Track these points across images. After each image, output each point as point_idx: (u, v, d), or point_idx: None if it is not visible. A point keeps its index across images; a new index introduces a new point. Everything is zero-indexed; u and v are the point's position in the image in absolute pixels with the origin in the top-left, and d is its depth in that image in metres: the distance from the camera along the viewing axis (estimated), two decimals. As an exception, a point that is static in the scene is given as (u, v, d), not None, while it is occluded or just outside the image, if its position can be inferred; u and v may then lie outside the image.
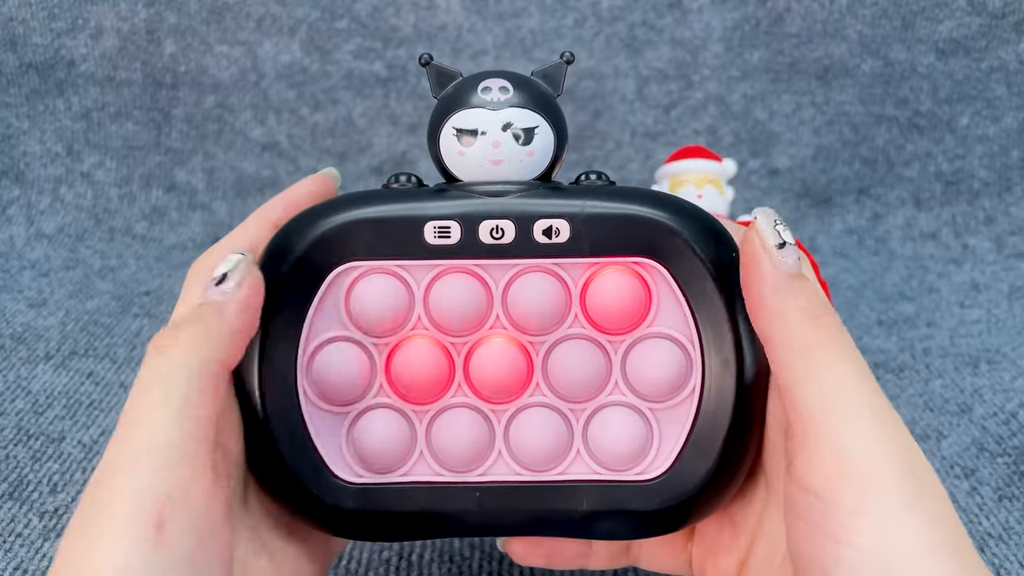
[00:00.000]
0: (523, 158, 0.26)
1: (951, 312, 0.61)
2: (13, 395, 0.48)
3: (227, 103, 0.73)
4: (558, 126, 0.27)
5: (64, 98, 0.71)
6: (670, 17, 0.73)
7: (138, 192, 0.71)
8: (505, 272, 0.26)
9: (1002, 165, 0.72)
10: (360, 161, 0.73)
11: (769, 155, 0.74)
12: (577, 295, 0.27)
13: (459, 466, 0.27)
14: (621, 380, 0.27)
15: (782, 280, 0.23)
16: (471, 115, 0.26)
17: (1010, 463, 0.44)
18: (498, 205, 0.26)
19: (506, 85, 0.26)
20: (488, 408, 0.27)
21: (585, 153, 0.74)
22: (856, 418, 0.21)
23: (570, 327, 0.27)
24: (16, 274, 0.62)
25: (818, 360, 0.22)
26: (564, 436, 0.27)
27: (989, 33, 0.71)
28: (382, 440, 0.27)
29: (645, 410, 0.27)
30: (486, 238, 0.26)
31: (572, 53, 0.27)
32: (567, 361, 0.27)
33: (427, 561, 0.37)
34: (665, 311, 0.26)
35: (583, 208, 0.26)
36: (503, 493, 0.27)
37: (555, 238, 0.26)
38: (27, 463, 0.43)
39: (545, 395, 0.27)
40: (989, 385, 0.51)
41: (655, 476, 0.27)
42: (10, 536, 0.38)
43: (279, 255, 0.26)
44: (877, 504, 0.21)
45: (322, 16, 0.72)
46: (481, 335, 0.27)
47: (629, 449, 0.27)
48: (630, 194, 0.26)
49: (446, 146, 0.26)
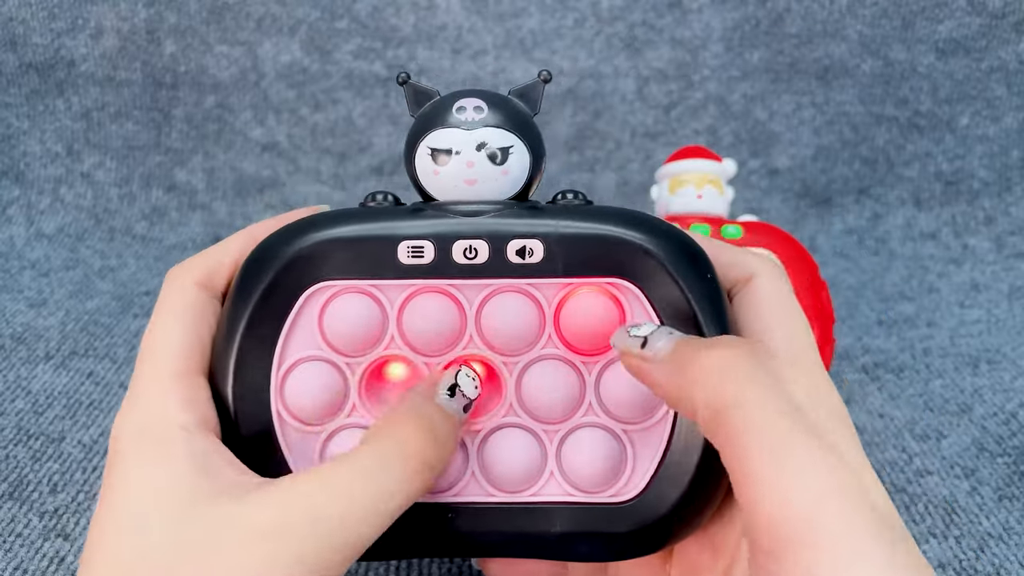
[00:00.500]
0: (498, 177, 0.26)
1: (951, 312, 0.61)
2: (13, 395, 0.48)
3: (227, 103, 0.73)
4: (533, 145, 0.27)
5: (64, 98, 0.71)
6: (670, 17, 0.73)
7: (138, 192, 0.71)
8: (479, 292, 0.26)
9: (1002, 165, 0.72)
10: (360, 161, 0.73)
11: (769, 155, 0.74)
12: (551, 315, 0.26)
13: (433, 487, 0.27)
14: (595, 401, 0.27)
15: (671, 368, 0.23)
16: (445, 135, 0.26)
17: (1010, 463, 0.44)
18: (472, 225, 0.26)
19: (480, 105, 0.26)
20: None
21: (585, 153, 0.74)
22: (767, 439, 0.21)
23: (544, 347, 0.27)
24: (16, 274, 0.62)
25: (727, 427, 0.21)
26: (537, 458, 0.27)
27: (989, 33, 0.71)
28: None
29: (619, 432, 0.27)
30: (459, 258, 0.26)
31: (549, 72, 0.27)
32: (541, 382, 0.26)
33: (427, 561, 0.37)
34: None
35: (557, 228, 0.26)
36: (476, 514, 0.27)
37: (528, 258, 0.26)
38: (27, 463, 0.43)
39: (519, 416, 0.27)
40: (989, 385, 0.51)
41: (628, 499, 0.26)
42: (10, 536, 0.38)
43: (254, 273, 0.26)
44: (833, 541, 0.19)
45: (322, 16, 0.72)
46: (455, 355, 0.27)
47: (603, 471, 0.26)
48: (605, 214, 0.26)
49: (421, 165, 0.26)
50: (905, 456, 0.45)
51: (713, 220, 0.50)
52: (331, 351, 0.27)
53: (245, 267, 0.26)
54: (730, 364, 0.22)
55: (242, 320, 0.26)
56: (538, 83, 0.27)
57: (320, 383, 0.26)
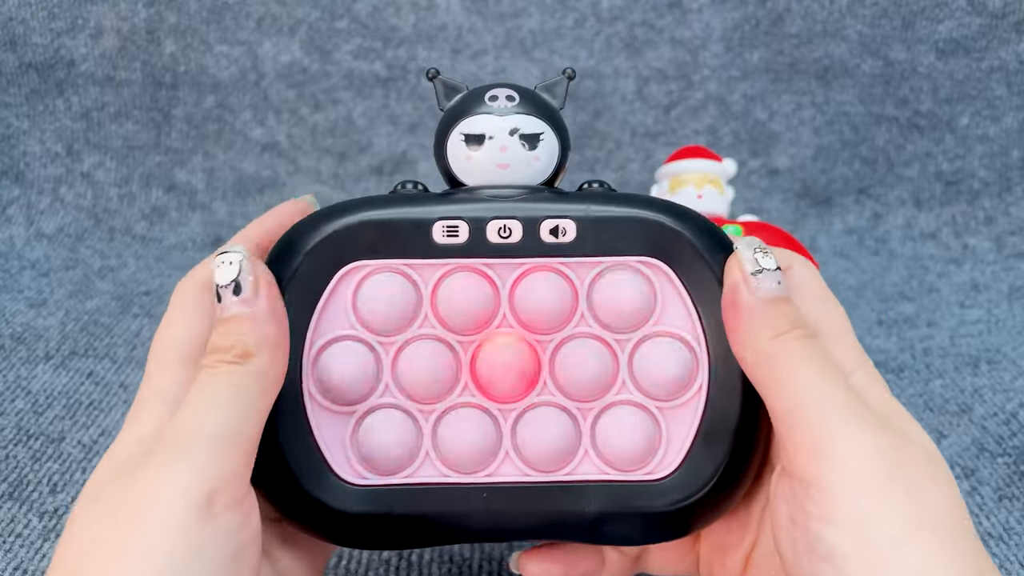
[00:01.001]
0: (530, 162, 0.27)
1: (951, 312, 0.61)
2: (13, 395, 0.48)
3: (227, 103, 0.73)
4: (562, 136, 0.27)
5: (64, 98, 0.71)
6: (670, 17, 0.73)
7: (138, 192, 0.71)
8: (512, 271, 0.26)
9: (1002, 165, 0.72)
10: (360, 161, 0.73)
11: (769, 155, 0.74)
12: (584, 294, 0.27)
13: (466, 467, 0.27)
14: (628, 379, 0.27)
15: (756, 305, 0.24)
16: (479, 121, 0.27)
17: (1010, 463, 0.44)
18: (505, 206, 0.26)
19: (512, 94, 0.27)
20: (495, 407, 0.27)
21: (585, 153, 0.74)
22: (824, 411, 0.23)
23: (577, 326, 0.27)
24: (16, 274, 0.62)
25: (779, 369, 0.24)
26: (572, 436, 0.27)
27: (989, 33, 0.71)
28: (388, 440, 0.26)
29: (653, 409, 0.27)
30: (494, 238, 0.26)
31: (574, 70, 0.28)
32: (574, 359, 0.27)
33: (427, 561, 0.37)
34: (670, 310, 0.27)
35: (588, 210, 0.26)
36: (511, 494, 0.27)
37: (562, 238, 0.26)
38: (27, 463, 0.43)
39: (552, 394, 0.27)
40: (989, 385, 0.51)
41: (664, 475, 0.27)
42: (10, 536, 0.38)
43: (287, 253, 0.26)
44: (857, 484, 0.22)
45: (322, 16, 0.72)
46: (488, 334, 0.27)
47: (637, 448, 0.26)
48: (632, 199, 0.27)
49: (454, 152, 0.27)
50: (905, 456, 0.45)
51: (713, 220, 0.50)
52: (364, 330, 0.27)
53: (276, 251, 0.26)
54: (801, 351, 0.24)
55: None
56: (563, 79, 0.28)
57: (353, 361, 0.26)
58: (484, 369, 0.27)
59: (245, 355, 0.24)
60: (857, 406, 0.23)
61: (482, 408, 0.27)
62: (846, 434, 0.22)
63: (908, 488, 0.21)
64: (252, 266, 0.25)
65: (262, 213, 0.29)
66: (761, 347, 0.24)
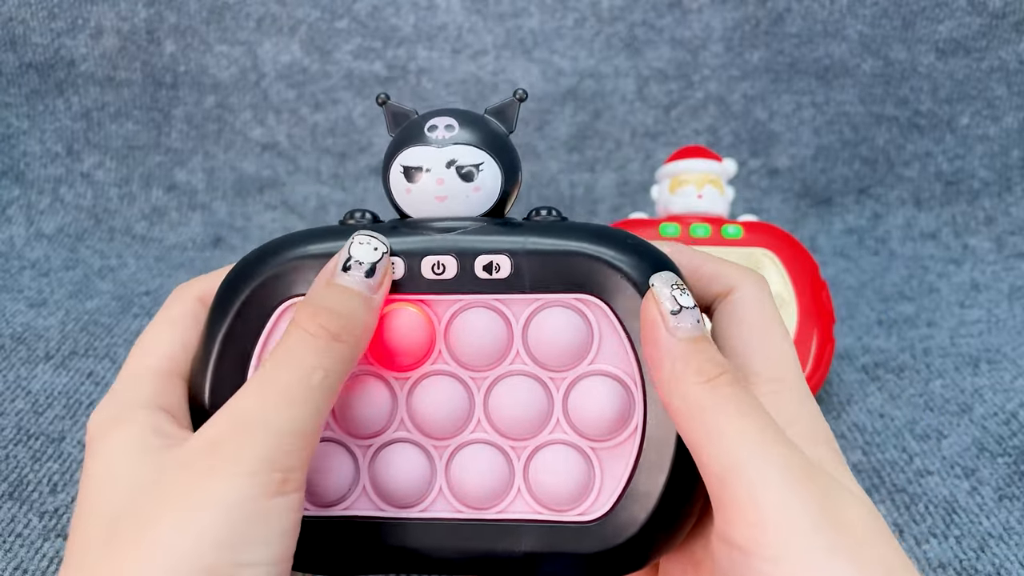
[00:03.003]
0: (469, 194, 0.26)
1: (951, 312, 0.61)
2: (13, 395, 0.48)
3: (227, 103, 0.73)
4: (505, 162, 0.27)
5: (64, 98, 0.71)
6: (670, 17, 0.73)
7: (138, 192, 0.71)
8: (448, 307, 0.26)
9: (1002, 165, 0.72)
10: (360, 161, 0.73)
11: (769, 155, 0.74)
12: (519, 331, 0.26)
13: (400, 501, 0.27)
14: (563, 418, 0.27)
15: (676, 347, 0.23)
16: (417, 153, 0.26)
17: (1010, 463, 0.44)
18: (441, 241, 0.26)
19: (452, 123, 0.27)
20: (430, 444, 0.27)
21: (585, 153, 0.74)
22: (763, 470, 0.21)
23: (512, 363, 0.27)
24: (16, 274, 0.62)
25: (713, 422, 0.22)
26: (505, 474, 0.27)
27: (989, 33, 0.71)
28: (325, 473, 0.27)
29: (587, 449, 0.27)
30: (428, 273, 0.26)
31: (525, 91, 0.28)
32: (509, 397, 0.26)
33: None
34: (607, 348, 0.26)
35: (524, 244, 0.26)
36: (444, 530, 0.26)
37: (495, 274, 0.26)
38: (27, 463, 0.43)
39: (486, 432, 0.27)
40: (989, 385, 0.51)
41: (596, 517, 0.26)
42: (10, 536, 0.38)
43: (231, 291, 0.26)
44: (798, 549, 0.20)
45: (322, 16, 0.72)
46: (424, 370, 0.27)
47: (571, 489, 0.26)
48: (574, 229, 0.26)
49: (395, 183, 0.27)
50: (905, 456, 0.45)
51: (713, 220, 0.50)
52: None
53: (224, 285, 0.27)
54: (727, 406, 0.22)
55: (218, 336, 0.26)
56: (514, 102, 0.27)
57: None
58: (420, 405, 0.27)
59: (346, 332, 0.24)
60: (797, 464, 0.21)
61: (417, 444, 0.27)
62: (786, 500, 0.21)
63: (851, 552, 0.20)
64: (389, 263, 0.25)
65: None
66: (691, 395, 0.23)
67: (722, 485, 0.22)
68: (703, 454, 0.22)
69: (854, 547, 0.20)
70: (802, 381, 0.25)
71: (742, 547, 0.21)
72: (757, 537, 0.21)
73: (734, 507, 0.21)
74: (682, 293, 0.24)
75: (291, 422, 0.22)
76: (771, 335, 0.26)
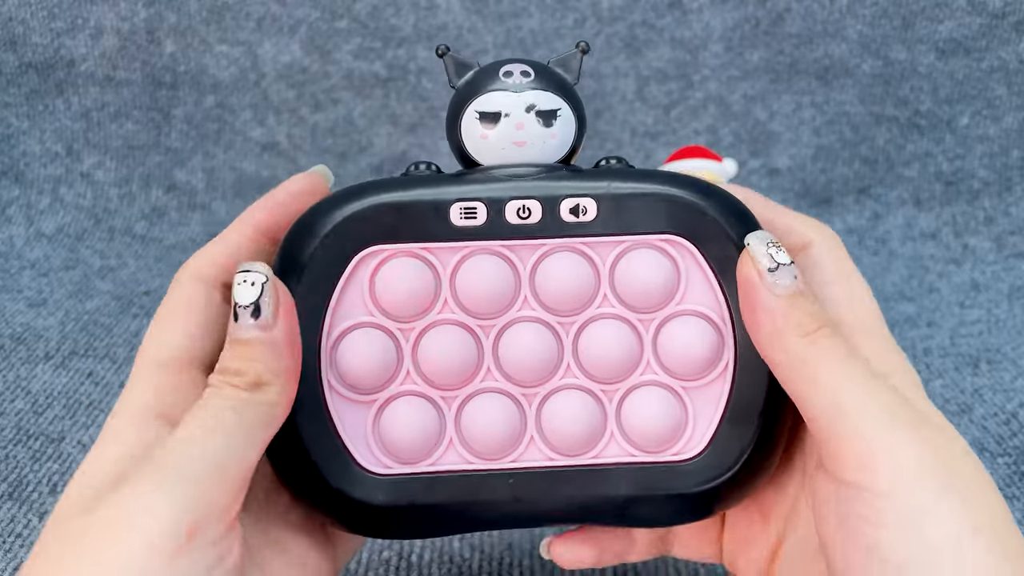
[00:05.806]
0: (546, 140, 0.26)
1: (951, 312, 0.61)
2: (13, 395, 0.48)
3: (227, 103, 0.73)
4: (579, 112, 0.27)
5: (64, 98, 0.71)
6: (670, 17, 0.73)
7: (138, 192, 0.71)
8: (532, 252, 0.26)
9: (1002, 165, 0.72)
10: (360, 161, 0.73)
11: (769, 155, 0.74)
12: (606, 274, 0.26)
13: (491, 453, 0.26)
14: (653, 359, 0.26)
15: (775, 304, 0.24)
16: (494, 98, 0.26)
17: (1010, 463, 0.44)
18: (524, 185, 0.26)
19: (527, 69, 0.26)
20: (519, 392, 0.26)
21: (585, 153, 0.73)
22: (873, 412, 0.22)
23: (600, 306, 0.26)
24: (16, 274, 0.62)
25: (817, 371, 0.23)
26: (597, 418, 0.26)
27: (989, 33, 0.71)
28: (411, 428, 0.26)
29: (679, 389, 0.26)
30: (512, 218, 0.25)
31: (587, 43, 0.27)
32: (598, 341, 0.26)
33: (427, 561, 0.37)
34: (695, 289, 0.26)
35: (608, 188, 0.26)
36: (537, 479, 0.26)
37: (582, 217, 0.26)
38: (27, 463, 0.43)
39: (576, 377, 0.27)
40: (989, 385, 0.51)
41: (691, 456, 0.26)
42: (10, 536, 0.38)
43: (301, 239, 0.26)
44: (911, 486, 0.21)
45: (322, 16, 0.72)
46: (510, 317, 0.26)
47: (664, 430, 0.26)
48: (652, 174, 0.26)
49: (468, 131, 0.26)
50: (905, 456, 0.45)
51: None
52: (383, 317, 0.26)
53: (289, 237, 0.26)
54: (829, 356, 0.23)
55: (288, 288, 0.25)
56: (576, 53, 0.27)
57: (373, 349, 0.26)
58: (507, 353, 0.26)
59: (257, 384, 0.23)
60: (904, 409, 0.22)
61: (506, 393, 0.26)
62: (897, 440, 0.22)
63: (962, 494, 0.21)
64: (274, 289, 0.24)
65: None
66: (793, 350, 0.23)
67: (831, 427, 0.22)
68: (809, 402, 0.23)
69: (964, 491, 0.21)
70: (885, 329, 0.26)
71: (854, 484, 0.22)
72: (869, 474, 0.21)
73: (844, 447, 0.22)
74: (778, 250, 0.24)
75: (213, 452, 0.21)
76: (855, 288, 0.26)
